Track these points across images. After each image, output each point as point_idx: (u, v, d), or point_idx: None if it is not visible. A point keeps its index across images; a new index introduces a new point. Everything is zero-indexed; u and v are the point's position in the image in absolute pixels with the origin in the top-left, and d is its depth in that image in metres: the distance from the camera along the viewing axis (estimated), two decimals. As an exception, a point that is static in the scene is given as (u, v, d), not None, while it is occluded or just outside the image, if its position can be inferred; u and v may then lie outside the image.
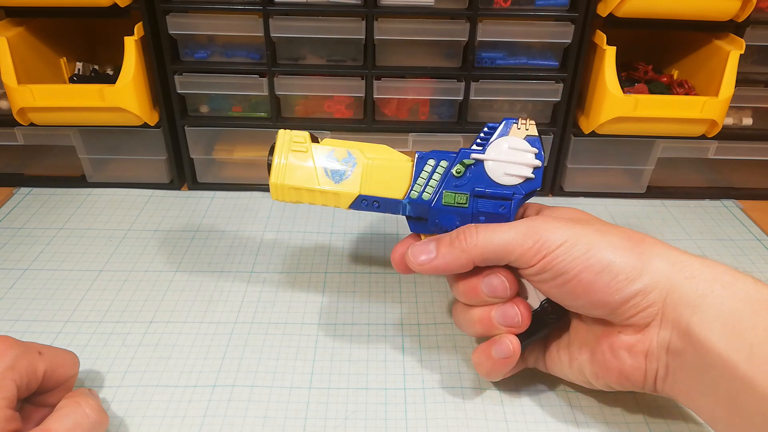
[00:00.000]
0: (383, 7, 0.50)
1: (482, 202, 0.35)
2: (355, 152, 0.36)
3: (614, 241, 0.31)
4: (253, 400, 0.36)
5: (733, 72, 0.51)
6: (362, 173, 0.36)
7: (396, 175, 0.36)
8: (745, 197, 0.60)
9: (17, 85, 0.51)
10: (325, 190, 0.36)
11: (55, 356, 0.32)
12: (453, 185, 0.35)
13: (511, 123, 0.35)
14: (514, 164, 0.34)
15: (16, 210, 0.55)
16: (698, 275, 0.29)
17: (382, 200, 0.36)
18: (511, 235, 0.32)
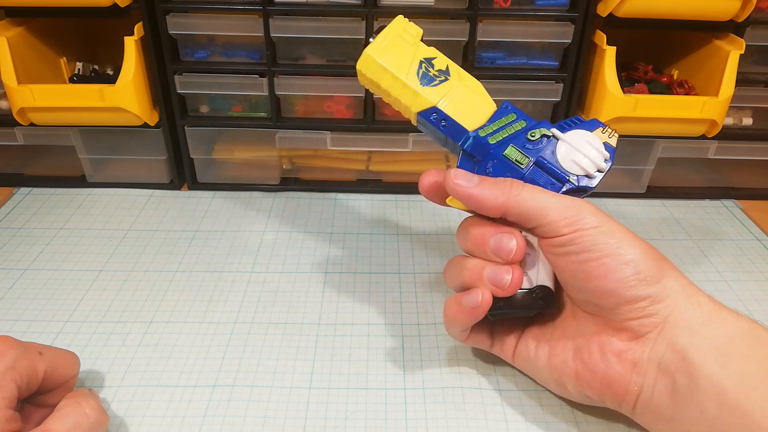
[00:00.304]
0: (383, 7, 0.50)
1: (538, 172, 0.35)
2: (453, 69, 0.37)
3: (643, 246, 0.31)
4: (253, 400, 0.36)
5: (733, 72, 0.51)
6: (449, 90, 0.36)
7: (477, 107, 0.36)
8: (745, 197, 0.60)
9: (17, 85, 0.51)
10: (408, 84, 0.36)
11: (56, 356, 0.32)
12: (521, 144, 0.35)
13: (599, 125, 0.35)
14: (584, 156, 0.34)
15: (16, 210, 0.55)
16: (703, 305, 0.30)
17: (451, 121, 0.36)
18: (555, 200, 0.32)
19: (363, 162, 0.60)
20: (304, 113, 0.57)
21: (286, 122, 0.57)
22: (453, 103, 0.36)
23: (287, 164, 0.60)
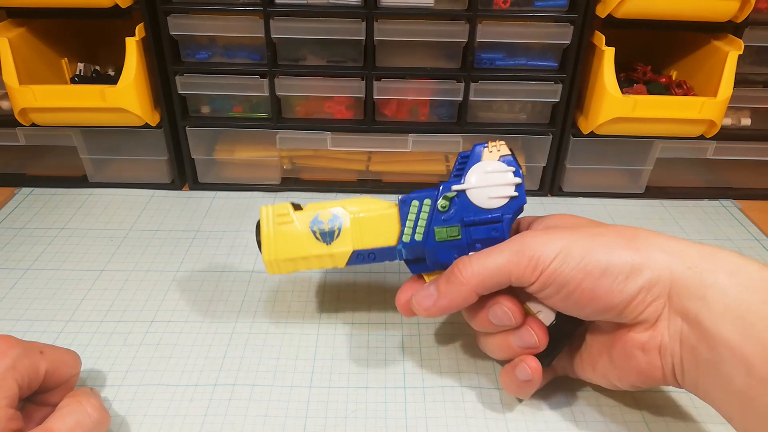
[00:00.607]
0: (383, 8, 0.50)
1: (474, 230, 0.35)
2: (338, 210, 0.37)
3: (607, 241, 0.30)
4: (253, 399, 0.36)
5: (731, 72, 0.52)
6: (351, 229, 0.36)
7: (384, 223, 0.36)
8: (744, 197, 0.60)
9: (19, 86, 0.51)
10: (319, 254, 0.36)
11: (57, 355, 0.32)
12: (441, 220, 0.35)
13: (482, 148, 0.35)
14: (495, 186, 0.35)
15: (18, 210, 0.55)
16: (699, 264, 0.29)
17: (377, 251, 0.36)
18: (504, 257, 0.32)
19: (363, 162, 0.60)
20: (305, 114, 0.57)
21: (287, 123, 0.57)
22: (364, 236, 0.36)
23: (288, 164, 0.60)
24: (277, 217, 0.37)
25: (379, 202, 0.37)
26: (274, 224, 0.37)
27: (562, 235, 0.31)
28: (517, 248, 0.32)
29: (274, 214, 0.37)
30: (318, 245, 0.36)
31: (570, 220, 0.35)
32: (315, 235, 0.36)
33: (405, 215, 0.36)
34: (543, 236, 0.32)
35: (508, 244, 0.32)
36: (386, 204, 0.37)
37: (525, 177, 0.59)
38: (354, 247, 0.36)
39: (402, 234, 0.36)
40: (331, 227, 0.36)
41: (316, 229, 0.36)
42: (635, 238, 0.31)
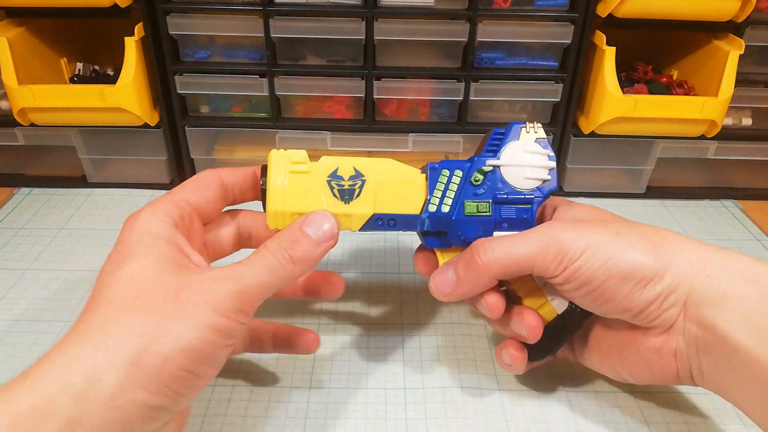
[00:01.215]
0: (383, 7, 0.50)
1: (505, 209, 0.34)
2: (362, 168, 0.33)
3: (633, 243, 0.30)
4: (253, 400, 0.36)
5: (732, 72, 0.51)
6: (374, 190, 0.33)
7: (410, 189, 0.34)
8: (745, 197, 0.60)
9: (18, 86, 0.51)
10: (335, 212, 0.32)
11: None
12: (473, 194, 0.33)
13: (520, 127, 0.34)
14: (532, 167, 0.34)
15: (17, 210, 0.55)
16: (719, 273, 0.29)
17: (398, 217, 0.33)
18: (531, 247, 0.31)
19: (363, 162, 0.60)
20: (304, 113, 0.57)
21: (286, 122, 0.57)
22: (387, 200, 0.33)
23: (287, 164, 0.60)
24: (291, 163, 0.32)
25: (405, 166, 0.34)
26: (286, 171, 0.32)
27: (591, 232, 0.31)
28: (545, 240, 0.31)
29: (288, 160, 0.32)
30: (334, 202, 0.33)
31: (597, 214, 0.35)
32: (332, 190, 0.33)
33: (433, 184, 0.34)
34: (572, 231, 0.31)
35: (535, 234, 0.32)
36: (412, 170, 0.34)
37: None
38: (375, 210, 0.33)
39: (428, 203, 0.33)
40: (351, 185, 0.33)
41: (335, 185, 0.33)
42: (661, 243, 0.31)
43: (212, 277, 0.28)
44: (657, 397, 0.37)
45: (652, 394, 0.37)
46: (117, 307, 0.26)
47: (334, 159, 0.33)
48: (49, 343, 0.40)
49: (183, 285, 0.27)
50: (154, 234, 0.29)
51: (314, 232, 0.30)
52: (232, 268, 0.28)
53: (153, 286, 0.27)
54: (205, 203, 0.33)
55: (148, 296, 0.26)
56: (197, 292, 0.27)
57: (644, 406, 0.36)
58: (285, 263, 0.29)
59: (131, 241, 0.29)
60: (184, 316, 0.26)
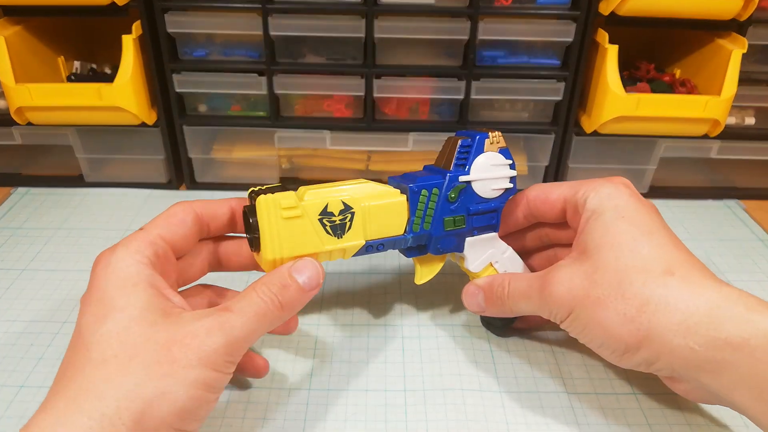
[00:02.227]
0: (383, 5, 0.50)
1: (476, 219, 0.37)
2: (348, 199, 0.34)
3: (610, 314, 0.31)
4: (252, 402, 0.36)
5: (735, 71, 0.51)
6: (362, 220, 0.34)
7: (394, 214, 0.35)
8: (748, 197, 0.59)
9: (15, 85, 0.51)
10: (331, 249, 0.33)
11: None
12: (450, 210, 0.36)
13: (485, 138, 0.36)
14: (497, 179, 0.37)
15: (14, 210, 0.55)
16: (710, 343, 0.28)
17: (386, 241, 0.35)
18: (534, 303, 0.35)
19: (362, 161, 0.60)
20: (304, 112, 0.57)
21: (285, 121, 0.56)
22: (375, 227, 0.35)
23: (286, 164, 0.60)
24: (283, 210, 0.32)
25: (380, 187, 0.35)
26: (277, 219, 0.32)
27: (577, 292, 0.32)
28: (537, 296, 0.34)
29: (278, 207, 0.31)
30: (328, 239, 0.33)
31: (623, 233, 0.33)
32: (325, 227, 0.33)
33: (414, 204, 0.35)
34: (565, 289, 0.32)
35: (534, 282, 0.35)
36: (390, 190, 0.36)
37: (527, 176, 0.59)
38: (366, 239, 0.34)
39: (411, 223, 0.35)
40: (342, 219, 0.33)
41: (327, 222, 0.33)
42: (643, 307, 0.30)
43: (204, 328, 0.27)
44: (659, 398, 0.36)
45: (654, 396, 0.37)
46: (109, 368, 0.26)
47: (320, 194, 0.33)
48: (46, 345, 0.40)
49: (175, 339, 0.27)
50: (134, 279, 0.28)
51: (303, 279, 0.31)
52: (221, 317, 0.28)
53: (143, 343, 0.26)
54: (179, 239, 0.33)
55: (139, 355, 0.26)
56: (189, 347, 0.27)
57: (646, 408, 0.36)
58: (274, 309, 0.30)
59: (110, 290, 0.28)
60: (178, 377, 0.26)
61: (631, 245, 0.32)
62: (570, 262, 0.34)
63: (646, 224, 0.33)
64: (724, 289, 0.29)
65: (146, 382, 0.25)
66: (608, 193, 0.34)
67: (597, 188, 0.34)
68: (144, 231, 0.32)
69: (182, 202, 0.34)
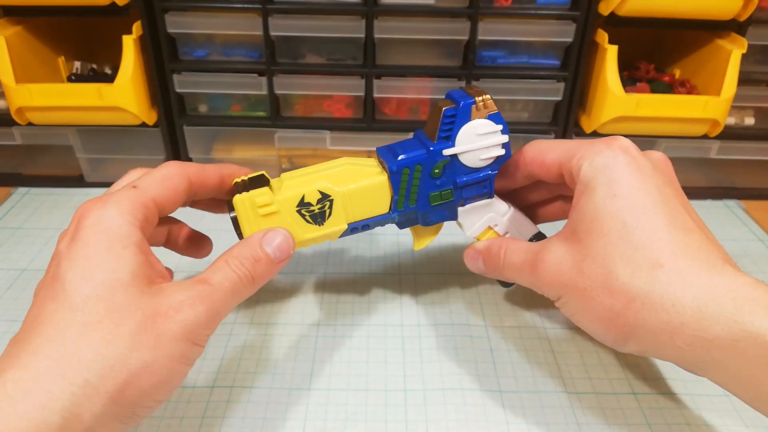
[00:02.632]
0: (383, 5, 0.50)
1: (465, 190, 0.36)
2: (325, 187, 0.34)
3: (596, 306, 0.30)
4: (252, 402, 0.36)
5: (735, 71, 0.51)
6: (343, 205, 0.34)
7: (376, 193, 0.35)
8: (748, 197, 0.59)
9: (15, 85, 0.51)
10: (313, 236, 0.34)
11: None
12: (435, 185, 0.35)
13: (470, 105, 0.33)
14: (484, 148, 0.34)
15: (14, 210, 0.55)
16: (697, 343, 0.27)
17: (371, 221, 0.35)
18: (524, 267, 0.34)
19: (363, 161, 0.60)
20: (304, 112, 0.57)
21: (286, 121, 0.56)
22: (357, 209, 0.35)
23: (286, 164, 0.60)
24: (258, 207, 0.33)
25: (363, 164, 0.35)
26: (255, 216, 0.33)
27: (566, 279, 0.31)
28: (533, 276, 0.33)
29: (254, 205, 0.33)
30: (310, 228, 0.34)
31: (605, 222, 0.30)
32: (304, 218, 0.34)
33: (396, 183, 0.35)
34: (548, 276, 0.32)
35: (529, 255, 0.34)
36: (371, 169, 0.35)
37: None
38: (348, 222, 0.35)
39: (395, 201, 0.35)
40: (321, 208, 0.34)
41: (305, 212, 0.34)
42: (630, 304, 0.29)
43: (188, 301, 0.28)
44: (659, 398, 0.36)
45: (654, 396, 0.37)
46: (94, 333, 0.25)
47: (296, 184, 0.34)
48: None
49: (159, 310, 0.27)
50: (124, 241, 0.27)
51: (273, 251, 0.31)
52: (203, 291, 0.28)
53: (131, 311, 0.26)
54: (168, 206, 0.32)
55: (126, 323, 0.26)
56: (173, 320, 0.27)
57: (646, 408, 0.36)
58: (247, 283, 0.30)
59: (99, 248, 0.27)
60: (163, 349, 0.26)
61: (620, 232, 0.29)
62: (560, 242, 0.32)
63: (641, 203, 0.30)
64: (714, 281, 0.27)
65: (132, 352, 0.25)
66: (603, 164, 0.31)
67: (592, 156, 0.31)
68: (138, 190, 0.30)
69: (177, 164, 0.33)
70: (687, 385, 0.37)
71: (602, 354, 0.40)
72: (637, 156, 0.31)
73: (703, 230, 0.31)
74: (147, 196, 0.30)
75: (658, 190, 0.30)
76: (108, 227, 0.28)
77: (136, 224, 0.29)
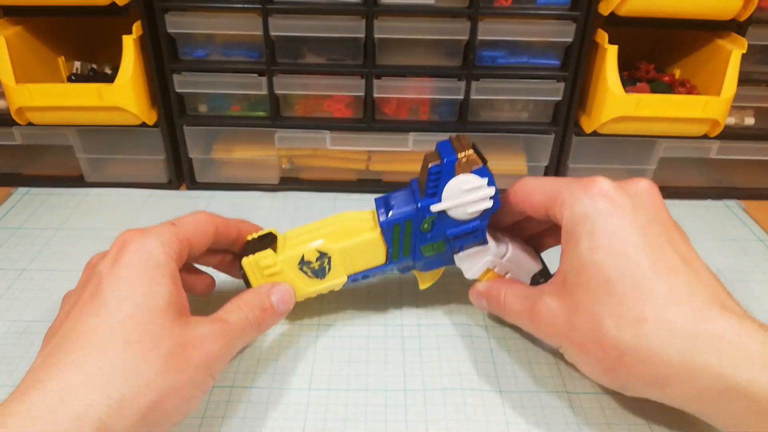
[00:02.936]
0: (383, 5, 0.50)
1: (458, 242, 0.37)
2: (322, 246, 0.37)
3: (591, 360, 0.32)
4: (252, 401, 0.36)
5: (735, 71, 0.51)
6: (341, 259, 0.37)
7: (371, 247, 0.37)
8: (748, 197, 0.59)
9: (15, 85, 0.51)
10: (316, 289, 0.38)
11: None
12: (426, 239, 0.37)
13: (453, 162, 0.34)
14: (471, 203, 0.35)
15: (14, 210, 0.55)
16: (686, 394, 0.29)
17: (369, 272, 0.38)
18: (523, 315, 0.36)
19: (363, 162, 0.60)
20: (304, 112, 0.57)
21: (286, 121, 0.56)
22: (354, 263, 0.38)
23: (286, 164, 0.60)
24: (263, 268, 0.37)
25: (358, 219, 0.38)
26: (263, 276, 0.37)
27: (561, 332, 0.33)
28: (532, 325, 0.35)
29: (260, 266, 0.37)
30: (312, 282, 0.38)
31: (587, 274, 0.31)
32: (306, 274, 0.37)
33: (389, 239, 0.37)
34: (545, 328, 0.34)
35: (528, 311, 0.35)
36: (366, 223, 0.38)
37: (527, 176, 0.59)
38: (348, 274, 0.38)
39: (390, 254, 0.37)
40: (320, 264, 0.37)
41: (307, 270, 0.37)
42: (621, 357, 0.29)
43: (210, 335, 0.30)
44: (660, 399, 0.36)
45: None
46: (132, 351, 0.27)
47: (297, 243, 0.37)
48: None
49: (188, 340, 0.29)
50: (163, 270, 0.30)
51: (277, 302, 0.35)
52: (222, 327, 0.31)
53: (164, 337, 0.28)
54: (198, 248, 0.34)
55: (159, 347, 0.27)
56: (199, 350, 0.29)
57: (647, 408, 0.36)
58: (253, 328, 0.33)
59: (140, 273, 0.29)
60: (189, 375, 0.28)
61: (605, 286, 0.30)
62: (553, 293, 0.33)
63: (623, 252, 0.30)
64: (699, 330, 0.28)
65: (164, 375, 0.27)
66: (583, 213, 0.31)
67: (572, 204, 0.32)
68: (176, 227, 0.32)
69: (207, 213, 0.35)
70: (687, 385, 0.37)
71: (602, 354, 0.40)
72: (616, 198, 0.31)
73: (690, 264, 0.31)
74: (183, 233, 0.32)
75: (641, 232, 0.30)
76: (151, 255, 0.30)
77: (173, 256, 0.31)
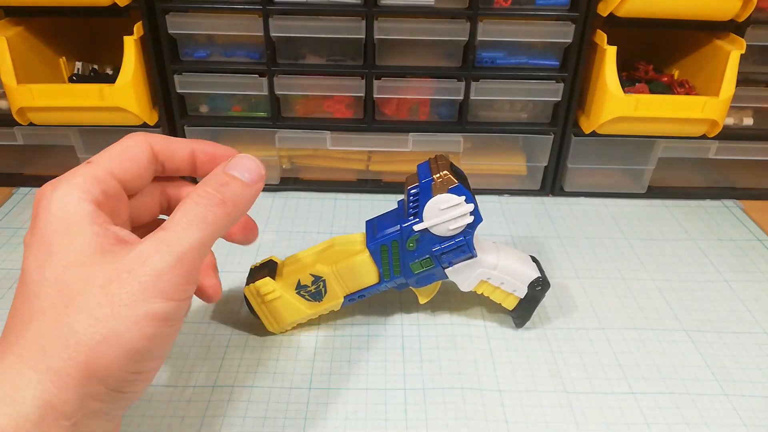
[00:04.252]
0: (383, 6, 0.50)
1: (446, 257, 0.38)
2: (316, 270, 0.38)
3: None
4: (252, 401, 0.36)
5: (733, 72, 0.51)
6: (336, 281, 0.39)
7: (363, 269, 0.39)
8: (746, 197, 0.60)
9: (17, 85, 0.51)
10: (316, 311, 0.40)
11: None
12: (413, 257, 0.38)
13: (429, 184, 0.36)
14: (453, 219, 0.36)
15: (16, 210, 0.55)
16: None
17: (365, 291, 0.40)
18: None
19: (363, 162, 0.60)
20: (304, 113, 0.57)
21: (286, 122, 0.56)
22: (349, 283, 0.39)
23: (287, 164, 0.60)
24: (263, 295, 0.38)
25: (350, 243, 0.40)
26: (264, 302, 0.39)
27: None
28: None
29: (259, 294, 0.38)
30: (311, 305, 0.39)
31: None
32: (304, 297, 0.39)
33: (378, 260, 0.38)
34: None
35: None
36: (356, 246, 0.39)
37: (527, 177, 0.59)
38: (345, 294, 0.40)
39: (381, 273, 0.39)
40: (317, 288, 0.39)
41: (304, 293, 0.39)
42: None
43: (140, 257, 0.25)
44: (658, 398, 0.37)
45: (653, 396, 0.37)
46: (48, 318, 0.24)
47: (293, 270, 0.40)
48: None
49: (111, 276, 0.24)
50: (72, 219, 0.26)
51: (241, 173, 0.28)
52: (158, 238, 0.26)
53: (80, 288, 0.24)
54: (132, 177, 0.29)
55: (76, 301, 0.24)
56: (129, 281, 0.24)
57: (644, 407, 0.36)
58: (216, 208, 0.27)
59: (49, 232, 0.26)
60: (122, 317, 0.24)
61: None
62: None
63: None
64: None
65: (86, 330, 0.24)
66: None
67: None
68: (92, 164, 0.28)
69: (137, 135, 0.30)
70: (686, 385, 0.38)
71: (601, 354, 0.40)
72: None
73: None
74: (102, 170, 0.28)
75: None
76: (57, 208, 0.26)
77: (89, 199, 0.27)
